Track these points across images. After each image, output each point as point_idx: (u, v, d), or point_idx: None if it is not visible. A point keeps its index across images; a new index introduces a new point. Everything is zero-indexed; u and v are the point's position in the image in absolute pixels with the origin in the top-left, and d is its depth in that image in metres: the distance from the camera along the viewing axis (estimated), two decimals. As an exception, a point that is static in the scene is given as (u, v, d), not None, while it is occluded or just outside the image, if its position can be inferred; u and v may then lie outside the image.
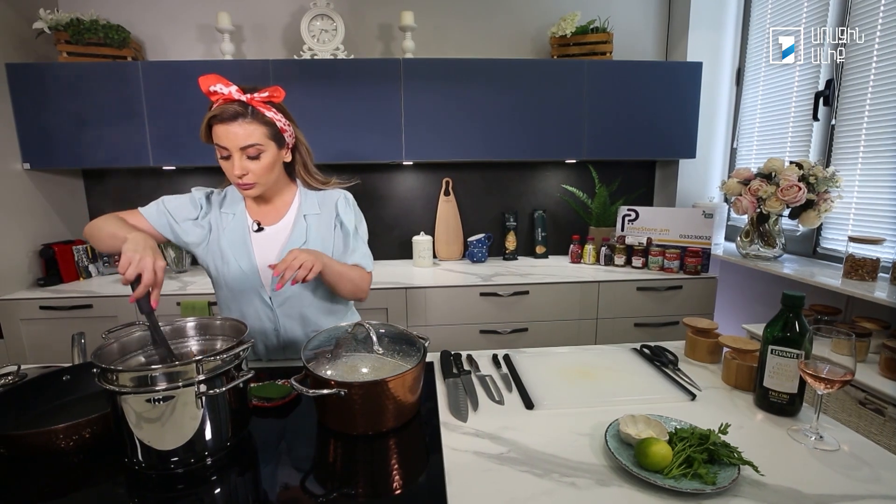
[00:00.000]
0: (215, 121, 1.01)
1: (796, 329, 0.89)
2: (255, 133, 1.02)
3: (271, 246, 1.16)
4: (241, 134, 1.01)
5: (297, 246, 1.14)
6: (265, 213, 1.19)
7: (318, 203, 1.21)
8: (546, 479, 0.75)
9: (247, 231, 1.16)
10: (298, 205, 1.20)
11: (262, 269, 1.14)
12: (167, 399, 0.75)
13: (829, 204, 1.83)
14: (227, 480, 0.78)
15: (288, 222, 1.18)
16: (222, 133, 1.01)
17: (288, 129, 1.11)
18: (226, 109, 1.00)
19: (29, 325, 2.03)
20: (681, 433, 0.79)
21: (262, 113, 1.03)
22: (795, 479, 0.73)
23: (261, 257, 1.15)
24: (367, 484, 0.76)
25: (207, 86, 1.00)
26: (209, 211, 1.18)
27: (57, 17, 2.10)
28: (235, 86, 1.01)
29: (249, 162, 1.04)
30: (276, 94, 1.06)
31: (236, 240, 1.14)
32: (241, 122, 1.00)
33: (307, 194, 1.22)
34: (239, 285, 1.15)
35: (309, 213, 1.19)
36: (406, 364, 0.93)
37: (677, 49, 2.56)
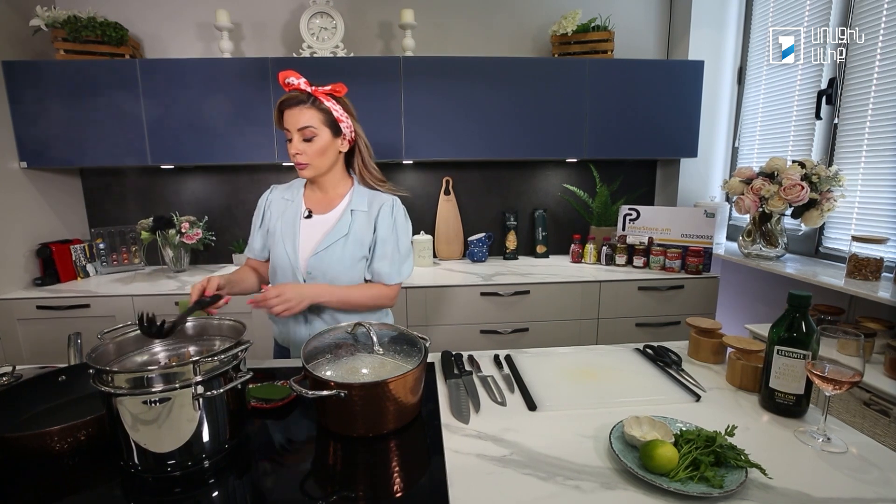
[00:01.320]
0: (283, 106, 1.15)
1: (803, 329, 0.88)
2: (312, 118, 1.14)
3: (315, 233, 1.23)
4: (298, 117, 1.14)
5: (338, 236, 1.21)
6: (318, 202, 1.27)
7: (368, 202, 1.27)
8: (550, 482, 0.73)
9: (298, 216, 1.24)
10: (350, 199, 1.26)
11: (302, 253, 1.22)
12: (164, 401, 0.73)
13: (831, 203, 1.82)
14: (225, 483, 0.77)
15: (336, 213, 1.25)
16: (286, 116, 1.15)
17: (345, 120, 1.20)
18: (291, 96, 1.14)
19: (26, 325, 2.01)
20: (686, 435, 0.78)
21: (321, 101, 1.15)
22: (804, 482, 0.72)
23: (304, 242, 1.23)
24: (367, 487, 0.75)
25: (284, 78, 1.14)
26: (269, 205, 1.30)
27: (54, 14, 2.08)
28: (304, 79, 1.15)
29: (304, 144, 1.15)
30: (338, 89, 1.19)
31: (288, 223, 1.24)
32: (300, 107, 1.14)
33: (361, 191, 1.28)
34: (283, 267, 1.23)
35: (357, 209, 1.25)
36: (407, 365, 0.92)
37: (679, 47, 2.54)
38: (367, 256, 1.26)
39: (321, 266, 1.20)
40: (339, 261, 1.20)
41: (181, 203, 2.52)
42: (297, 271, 1.21)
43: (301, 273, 1.21)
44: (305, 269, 1.21)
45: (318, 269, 1.20)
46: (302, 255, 1.21)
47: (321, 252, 1.20)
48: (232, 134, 2.18)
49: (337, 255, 1.20)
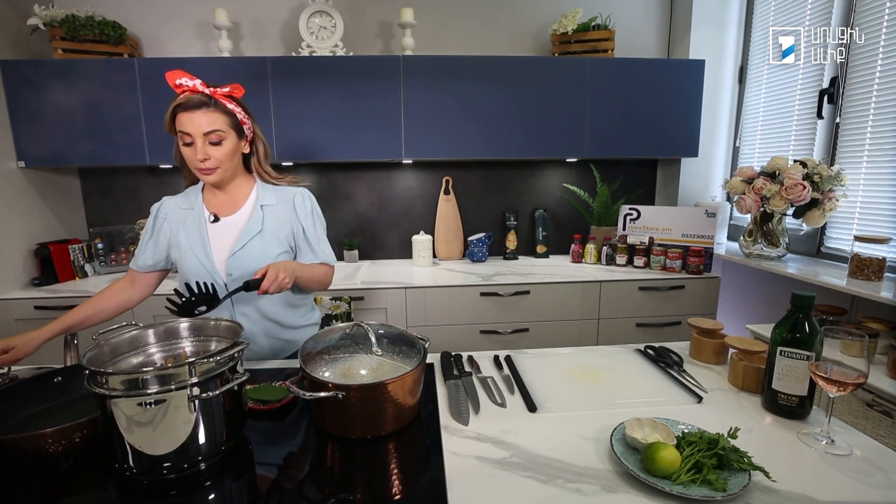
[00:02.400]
0: (180, 109, 1.08)
1: (806, 330, 0.87)
2: (218, 121, 1.10)
3: (227, 235, 1.20)
4: (204, 121, 1.09)
5: (252, 234, 1.19)
6: (222, 205, 1.23)
7: (276, 196, 1.26)
8: (550, 485, 0.72)
9: (203, 223, 1.21)
10: (256, 196, 1.24)
11: (217, 258, 1.19)
12: (159, 403, 0.72)
13: (833, 203, 1.81)
14: (222, 486, 0.76)
15: (245, 212, 1.23)
16: (186, 120, 1.08)
17: (247, 121, 1.18)
18: (191, 98, 1.08)
19: (23, 326, 2.00)
20: (689, 437, 0.77)
21: (224, 104, 1.12)
22: (808, 485, 0.71)
23: (216, 246, 1.20)
24: (365, 490, 0.74)
25: (174, 79, 1.08)
26: (165, 218, 1.24)
27: (52, 13, 2.07)
28: (199, 80, 1.10)
29: (211, 148, 1.11)
30: (236, 91, 1.15)
31: (193, 232, 1.20)
32: (204, 110, 1.09)
33: (265, 188, 1.26)
34: (198, 275, 1.18)
35: (266, 205, 1.23)
36: (406, 366, 0.91)
37: (679, 47, 2.53)
38: (288, 251, 1.25)
39: (241, 265, 1.18)
40: (259, 257, 1.18)
41: (180, 203, 2.51)
42: (216, 276, 1.18)
43: (221, 276, 1.18)
44: (225, 271, 1.18)
45: (239, 269, 1.18)
46: (218, 259, 1.18)
47: (238, 252, 1.17)
48: None
49: (256, 251, 1.18)
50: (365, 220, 2.63)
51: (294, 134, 2.17)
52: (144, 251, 1.25)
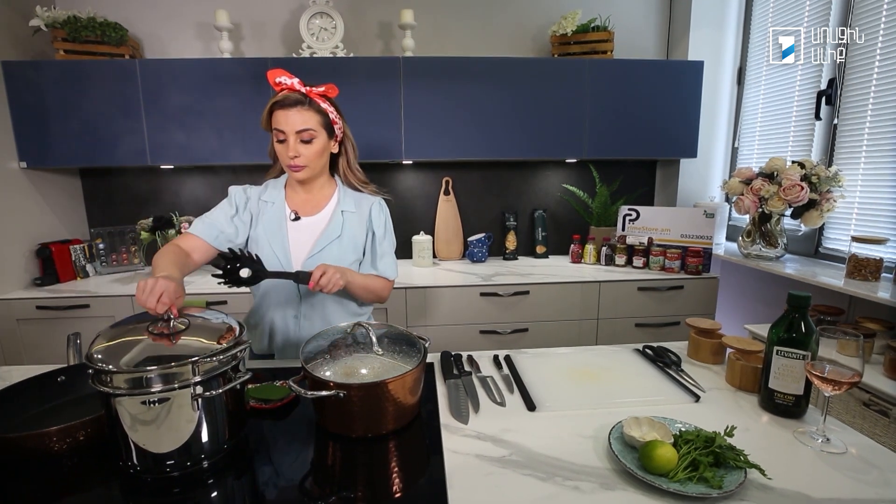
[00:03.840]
0: (277, 106, 1.11)
1: (802, 330, 0.88)
2: (311, 119, 1.13)
3: (307, 235, 1.21)
4: (298, 119, 1.11)
5: (332, 238, 1.21)
6: (303, 204, 1.24)
7: (355, 203, 1.27)
8: (549, 482, 0.73)
9: (284, 219, 1.22)
10: (337, 200, 1.25)
11: (295, 257, 1.20)
12: (162, 401, 0.73)
13: (831, 203, 1.82)
14: (224, 484, 0.77)
15: (326, 215, 1.24)
16: (282, 118, 1.11)
17: (339, 121, 1.20)
18: (288, 97, 1.11)
19: (25, 326, 2.01)
20: (686, 436, 0.78)
21: (318, 103, 1.14)
22: (803, 483, 0.72)
23: (295, 245, 1.20)
24: (366, 487, 0.75)
25: (274, 77, 1.12)
26: (247, 202, 1.24)
27: (54, 14, 2.08)
28: (297, 79, 1.13)
29: (302, 146, 1.13)
30: (331, 90, 1.18)
31: (272, 227, 1.20)
32: (299, 108, 1.11)
33: (346, 193, 1.27)
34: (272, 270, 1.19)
35: (346, 210, 1.24)
36: (406, 365, 0.91)
37: (678, 48, 2.54)
38: (360, 258, 1.26)
39: None
40: (334, 262, 1.18)
41: (181, 203, 2.52)
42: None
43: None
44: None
45: None
46: (295, 259, 1.19)
47: (317, 254, 1.19)
48: (232, 134, 2.17)
49: (332, 256, 1.20)
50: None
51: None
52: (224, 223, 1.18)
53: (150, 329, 0.81)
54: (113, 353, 0.75)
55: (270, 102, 1.12)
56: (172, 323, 0.82)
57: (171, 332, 0.81)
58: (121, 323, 0.85)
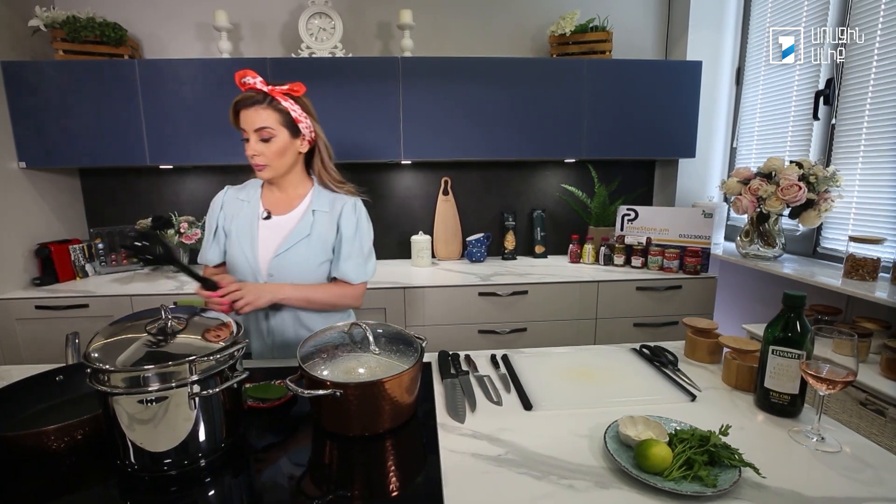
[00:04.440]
0: (239, 106, 1.14)
1: (797, 329, 0.88)
2: (269, 118, 1.13)
3: (276, 234, 1.21)
4: (255, 118, 1.12)
5: (300, 237, 1.20)
6: (277, 203, 1.25)
7: (329, 202, 1.26)
8: (544, 481, 0.73)
9: (256, 218, 1.22)
10: (311, 200, 1.25)
11: (262, 255, 1.20)
12: (160, 400, 0.74)
13: (829, 203, 1.82)
14: (222, 482, 0.77)
15: (297, 214, 1.23)
16: (242, 116, 1.14)
17: (304, 120, 1.19)
18: (247, 96, 1.13)
19: (24, 325, 2.01)
20: (681, 434, 0.78)
21: (279, 102, 1.14)
22: (797, 482, 0.72)
23: (264, 243, 1.21)
24: (363, 486, 0.75)
25: (240, 77, 1.14)
26: (223, 208, 1.27)
27: (53, 14, 2.08)
28: (261, 78, 1.14)
29: (262, 144, 1.14)
30: (295, 88, 1.17)
31: (244, 225, 1.22)
32: (256, 107, 1.12)
33: (321, 192, 1.27)
34: (241, 269, 1.21)
35: (319, 210, 1.24)
36: (403, 364, 0.92)
37: (677, 48, 2.55)
38: (331, 258, 1.25)
39: (283, 268, 1.19)
40: (302, 262, 1.19)
41: (180, 203, 2.52)
42: (258, 273, 1.20)
43: (262, 275, 1.20)
44: (266, 271, 1.19)
45: (280, 270, 1.19)
46: (262, 257, 1.20)
47: (283, 253, 1.18)
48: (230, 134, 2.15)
49: (300, 256, 1.19)
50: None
51: (293, 135, 2.18)
52: (210, 246, 1.27)
53: (147, 328, 0.81)
54: (110, 352, 0.76)
55: (233, 102, 1.14)
56: (170, 322, 0.82)
57: (169, 331, 0.81)
58: (119, 321, 0.85)
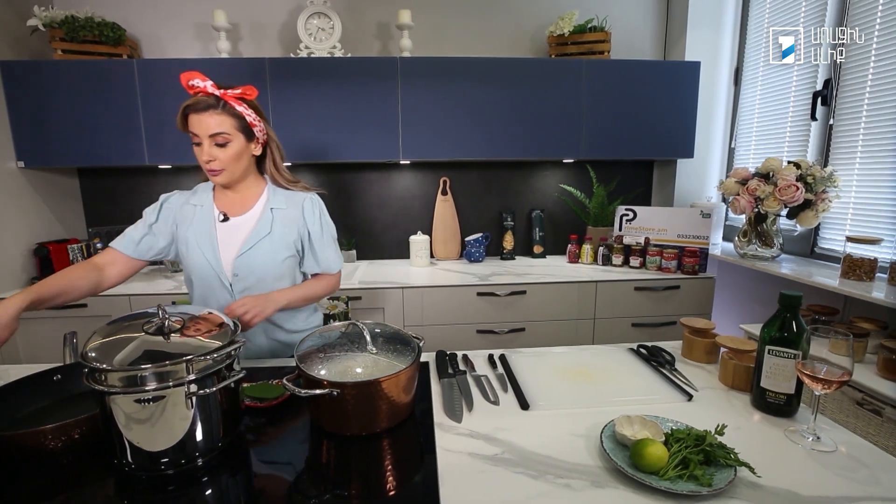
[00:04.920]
0: (189, 110, 1.10)
1: (793, 329, 0.88)
2: (224, 123, 1.11)
3: (236, 235, 1.20)
4: (211, 123, 1.10)
5: (261, 236, 1.20)
6: (232, 205, 1.23)
7: (286, 200, 1.26)
8: (540, 480, 0.74)
9: (212, 221, 1.21)
10: (266, 199, 1.24)
11: (224, 257, 1.19)
12: (157, 399, 0.74)
13: (826, 204, 1.82)
14: (219, 482, 0.77)
15: (255, 213, 1.23)
16: (195, 121, 1.10)
17: (258, 124, 1.18)
18: (199, 101, 1.09)
19: (23, 325, 1.97)
20: (677, 434, 0.78)
21: (233, 106, 1.12)
22: (792, 481, 0.73)
23: (224, 245, 1.20)
24: (360, 485, 0.75)
25: (187, 80, 1.09)
26: (168, 209, 1.23)
27: (52, 14, 2.08)
28: (211, 81, 1.10)
29: (217, 149, 1.12)
30: (248, 92, 1.15)
31: (201, 229, 1.19)
32: (211, 112, 1.09)
33: (275, 191, 1.26)
34: (203, 273, 1.19)
35: (276, 207, 1.23)
36: (400, 364, 0.92)
37: (675, 48, 2.55)
38: (295, 255, 1.25)
39: (248, 266, 1.18)
40: (266, 260, 1.19)
41: (179, 203, 2.52)
42: (222, 275, 1.18)
43: (226, 276, 1.19)
44: (231, 271, 1.19)
45: (245, 269, 1.18)
46: (225, 259, 1.19)
47: (246, 252, 1.18)
48: None
49: (263, 253, 1.19)
50: (363, 221, 2.65)
51: (292, 135, 2.18)
52: (141, 233, 1.20)
53: (144, 327, 0.81)
54: (107, 351, 0.76)
55: (182, 106, 1.10)
56: (167, 322, 0.82)
57: (166, 330, 0.81)
58: (116, 321, 0.85)
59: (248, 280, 1.19)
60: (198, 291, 1.22)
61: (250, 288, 1.20)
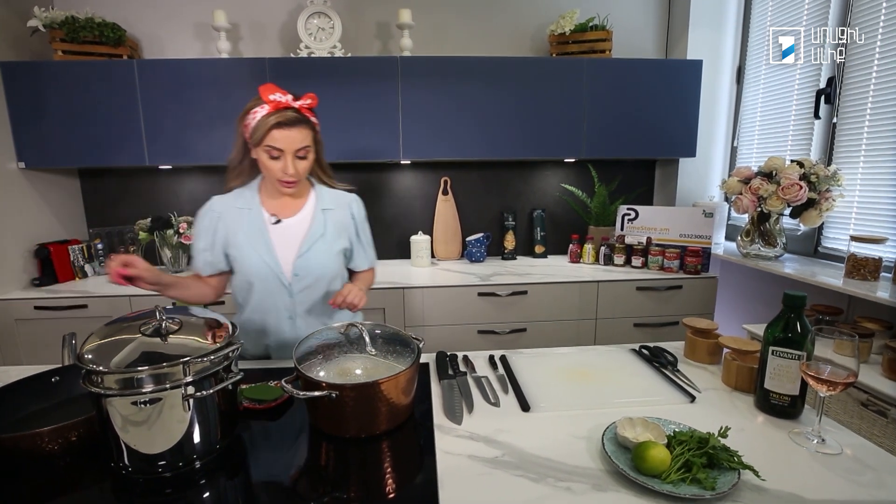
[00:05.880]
0: (277, 126, 1.10)
1: (798, 330, 0.87)
2: (308, 137, 1.15)
3: (291, 237, 1.23)
4: (297, 138, 1.12)
5: (316, 237, 1.23)
6: (281, 207, 1.25)
7: (333, 200, 1.29)
8: (541, 483, 0.73)
9: (263, 223, 1.22)
10: (315, 200, 1.27)
11: (283, 259, 1.21)
12: (154, 402, 0.73)
13: (830, 203, 1.81)
14: (217, 484, 0.77)
15: (306, 215, 1.25)
16: (281, 137, 1.10)
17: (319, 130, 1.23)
18: (287, 116, 1.10)
19: (24, 326, 2.01)
20: (679, 436, 0.77)
21: (309, 118, 1.15)
22: (797, 484, 0.72)
23: (280, 247, 1.21)
24: (358, 488, 0.75)
25: (267, 94, 1.11)
26: (213, 221, 1.23)
27: (52, 14, 2.08)
28: (291, 95, 1.13)
29: (299, 162, 1.15)
30: (314, 101, 1.18)
31: (253, 232, 1.21)
32: (299, 127, 1.12)
33: (321, 191, 1.29)
34: (263, 275, 1.21)
35: (326, 208, 1.27)
36: (400, 365, 0.91)
37: (677, 47, 2.54)
38: (345, 254, 1.31)
39: (307, 267, 1.21)
40: (323, 260, 1.23)
41: (179, 203, 2.52)
42: (282, 276, 1.20)
43: (286, 277, 1.21)
44: (291, 272, 1.21)
45: (304, 270, 1.21)
46: (284, 260, 1.21)
47: (306, 254, 1.21)
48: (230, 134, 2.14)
49: (321, 254, 1.23)
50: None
51: (292, 135, 2.17)
52: (202, 254, 1.23)
53: (142, 329, 0.81)
54: (104, 353, 0.75)
55: (270, 123, 1.09)
56: (164, 323, 0.81)
57: (164, 331, 0.81)
58: (114, 322, 0.85)
59: (307, 280, 1.22)
60: (257, 297, 1.22)
61: (309, 287, 1.23)
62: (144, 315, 0.85)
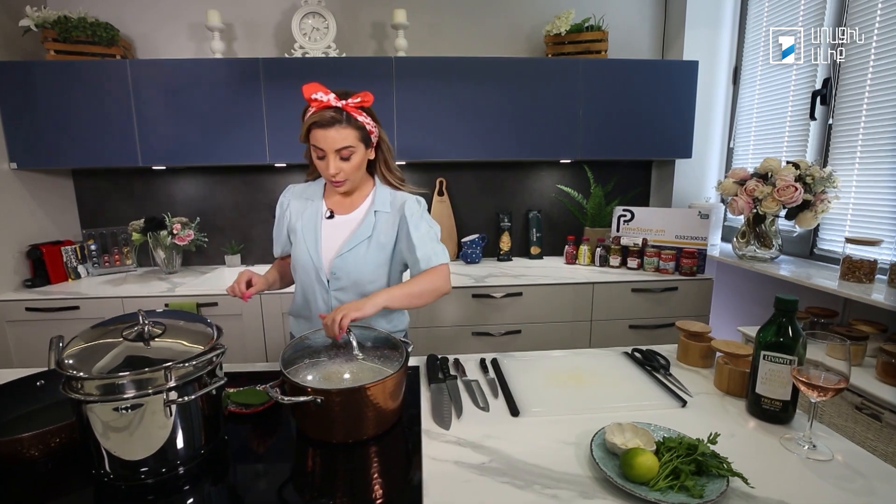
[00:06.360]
0: (315, 126, 1.09)
1: (789, 334, 0.86)
2: (349, 137, 1.11)
3: (338, 233, 1.22)
4: (336, 138, 1.09)
5: (361, 238, 1.20)
6: (341, 203, 1.25)
7: (390, 202, 1.25)
8: (527, 490, 0.72)
9: (319, 217, 1.23)
10: (372, 200, 1.25)
11: (325, 255, 1.21)
12: (135, 407, 0.72)
13: (826, 204, 1.80)
14: (201, 490, 0.76)
15: (359, 214, 1.24)
16: (320, 137, 1.09)
17: (375, 130, 1.18)
18: (324, 116, 1.08)
19: (15, 327, 2.00)
20: (668, 443, 0.76)
21: (355, 118, 1.11)
22: (786, 492, 0.71)
23: (327, 242, 1.22)
24: (344, 494, 0.74)
25: (309, 94, 1.09)
26: (287, 206, 1.29)
27: (44, 14, 2.07)
28: (333, 94, 1.10)
29: (342, 162, 1.13)
30: (366, 99, 1.14)
31: (308, 224, 1.23)
32: (337, 127, 1.09)
33: (382, 191, 1.26)
34: (305, 267, 1.22)
35: (380, 210, 1.23)
36: (388, 369, 0.90)
37: (673, 48, 2.53)
38: (390, 260, 1.24)
39: (345, 267, 1.19)
40: (361, 263, 1.19)
41: (173, 204, 2.51)
42: (321, 271, 1.20)
43: (325, 273, 1.20)
44: (329, 269, 1.20)
45: (343, 270, 1.19)
46: (325, 256, 1.20)
47: (346, 253, 1.19)
48: (223, 135, 2.16)
49: (360, 257, 1.19)
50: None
51: (286, 135, 2.16)
52: (277, 240, 1.32)
53: (124, 333, 0.80)
54: (85, 358, 0.74)
55: (307, 123, 1.09)
56: (147, 328, 0.80)
57: (147, 336, 0.80)
58: (97, 326, 0.84)
59: (344, 281, 1.20)
60: (300, 282, 1.26)
61: (345, 289, 1.21)
62: (128, 318, 0.84)
